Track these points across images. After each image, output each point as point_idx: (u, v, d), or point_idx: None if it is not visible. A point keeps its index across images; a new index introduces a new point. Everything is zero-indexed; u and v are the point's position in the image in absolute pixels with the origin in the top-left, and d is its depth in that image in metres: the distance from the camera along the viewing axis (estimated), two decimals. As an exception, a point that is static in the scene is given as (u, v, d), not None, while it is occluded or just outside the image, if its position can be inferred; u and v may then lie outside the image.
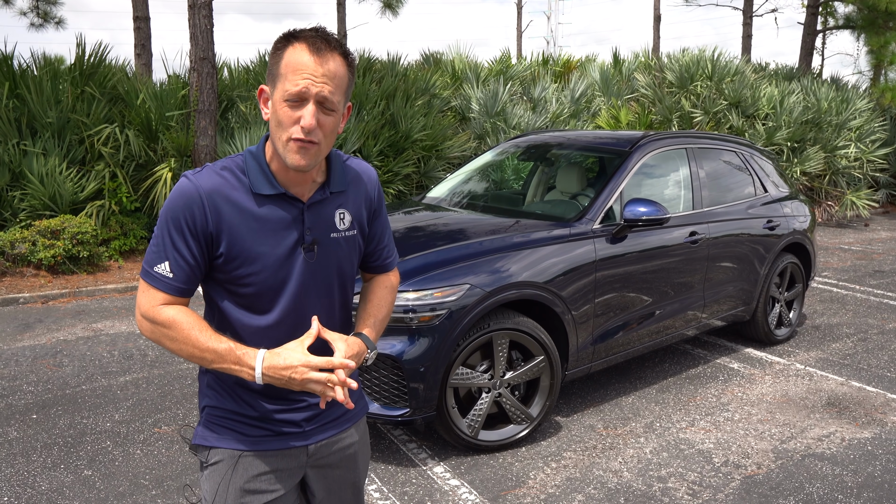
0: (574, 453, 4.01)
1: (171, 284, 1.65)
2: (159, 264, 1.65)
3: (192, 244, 1.64)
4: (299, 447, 1.79)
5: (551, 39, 43.85)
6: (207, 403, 1.78)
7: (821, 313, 7.01)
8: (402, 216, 4.96)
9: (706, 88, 12.84)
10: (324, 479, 1.87)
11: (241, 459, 1.75)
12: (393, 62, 11.89)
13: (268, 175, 1.68)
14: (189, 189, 1.63)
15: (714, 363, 5.51)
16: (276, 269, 1.69)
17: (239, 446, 1.75)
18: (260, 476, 1.76)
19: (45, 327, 6.20)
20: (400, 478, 3.70)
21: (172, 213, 1.63)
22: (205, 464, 1.77)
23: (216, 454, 1.76)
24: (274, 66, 1.61)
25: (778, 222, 5.76)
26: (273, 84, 1.61)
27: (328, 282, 1.78)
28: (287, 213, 1.70)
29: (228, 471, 1.75)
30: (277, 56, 1.60)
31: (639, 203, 4.46)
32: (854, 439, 4.24)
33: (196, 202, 1.62)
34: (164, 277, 1.65)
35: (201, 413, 1.80)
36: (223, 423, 1.76)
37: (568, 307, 4.14)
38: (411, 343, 3.62)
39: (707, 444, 4.16)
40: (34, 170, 8.18)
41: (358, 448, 1.93)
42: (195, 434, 1.79)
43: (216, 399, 1.77)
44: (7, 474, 3.68)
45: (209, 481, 1.77)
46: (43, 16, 16.39)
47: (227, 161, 1.71)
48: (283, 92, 1.58)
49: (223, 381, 1.75)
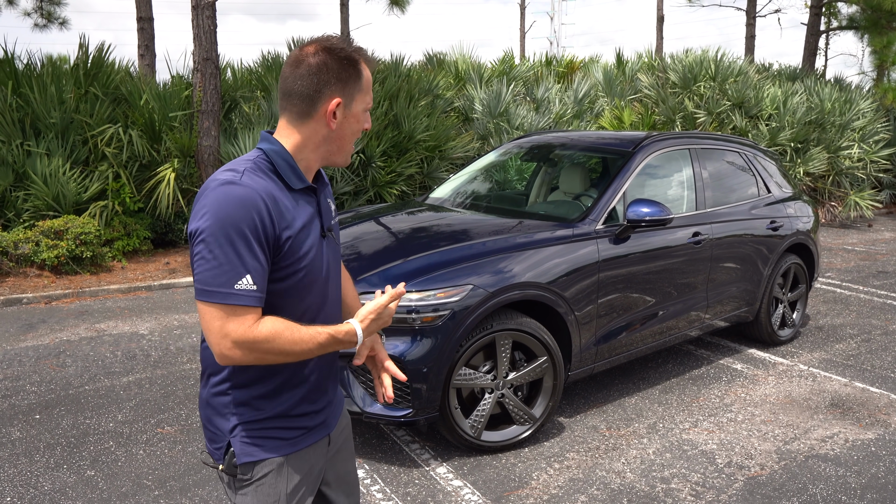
0: (577, 454, 4.00)
1: (258, 296, 1.60)
2: (239, 280, 1.56)
3: (263, 250, 1.60)
4: (324, 437, 1.86)
5: (554, 40, 43.86)
6: (241, 420, 1.72)
7: (824, 314, 7.00)
8: (406, 217, 4.96)
9: (709, 89, 12.82)
10: (333, 467, 1.95)
11: (286, 464, 1.76)
12: (396, 63, 11.89)
13: (297, 171, 1.73)
14: (250, 195, 1.58)
15: (717, 364, 5.50)
16: (316, 258, 1.74)
17: (283, 451, 1.75)
18: (305, 475, 1.80)
19: (48, 328, 6.21)
20: (403, 478, 3.70)
21: (236, 222, 1.55)
22: (248, 480, 1.73)
23: (263, 467, 1.73)
24: (355, 81, 1.72)
25: (781, 223, 5.75)
26: (352, 97, 1.72)
27: (338, 262, 1.91)
28: (311, 204, 1.77)
29: (280, 479, 1.75)
30: (357, 72, 1.72)
31: (642, 204, 4.46)
32: (858, 440, 4.23)
33: (261, 206, 1.59)
34: (250, 293, 1.58)
35: (230, 434, 1.73)
36: (264, 433, 1.74)
37: (571, 308, 4.14)
38: (414, 343, 3.61)
39: (710, 444, 4.15)
40: (38, 170, 8.20)
41: (349, 425, 2.06)
42: (237, 454, 1.72)
43: (251, 412, 1.73)
44: (10, 474, 3.69)
45: (258, 495, 1.73)
46: (47, 16, 16.42)
47: (249, 163, 1.68)
48: (365, 104, 1.76)
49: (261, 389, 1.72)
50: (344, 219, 4.99)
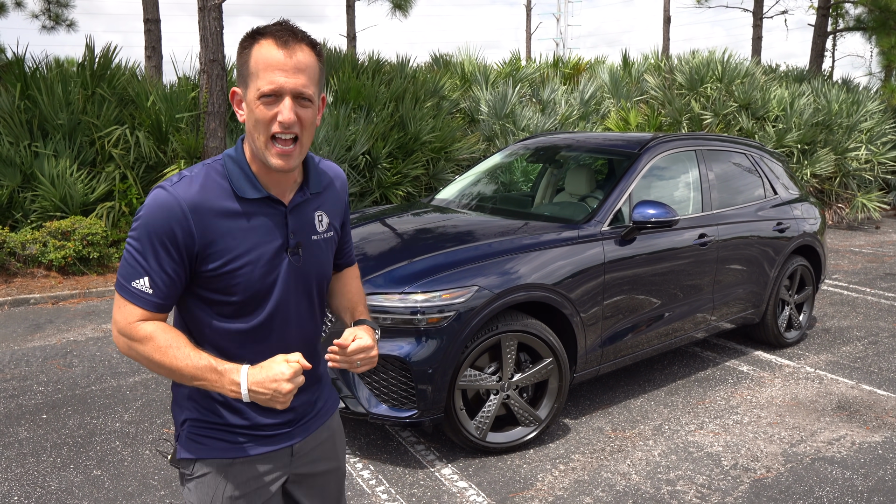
0: (582, 455, 4.00)
1: (151, 301, 1.58)
2: (137, 279, 1.57)
3: (175, 259, 1.57)
4: (285, 447, 1.77)
5: (561, 41, 43.84)
6: (189, 417, 1.71)
7: (831, 316, 6.97)
8: (411, 218, 4.97)
9: (716, 90, 12.79)
10: (307, 481, 1.86)
11: (231, 468, 1.70)
12: (402, 64, 11.91)
13: (250, 178, 1.64)
14: (170, 203, 1.55)
15: (723, 366, 5.49)
16: (264, 276, 1.65)
17: (227, 455, 1.70)
18: (249, 481, 1.72)
19: (55, 328, 6.24)
20: (408, 479, 3.70)
21: (152, 227, 1.55)
22: (189, 476, 1.70)
23: (203, 466, 1.70)
24: (243, 67, 1.58)
25: (788, 224, 5.74)
26: (245, 85, 1.58)
27: (308, 284, 1.75)
28: (270, 216, 1.66)
29: (219, 481, 1.70)
30: (245, 55, 1.57)
31: (648, 205, 4.45)
32: (864, 443, 4.21)
33: (179, 217, 1.55)
34: (142, 293, 1.58)
35: (180, 427, 1.72)
36: (209, 433, 1.70)
37: (577, 309, 4.13)
38: (419, 345, 3.62)
39: (716, 447, 4.14)
40: (45, 171, 8.23)
41: (336, 438, 1.93)
42: (178, 449, 1.72)
43: (198, 411, 1.70)
44: (17, 474, 3.70)
45: (197, 493, 1.70)
46: (55, 18, 16.50)
47: (204, 166, 1.64)
48: (256, 91, 1.55)
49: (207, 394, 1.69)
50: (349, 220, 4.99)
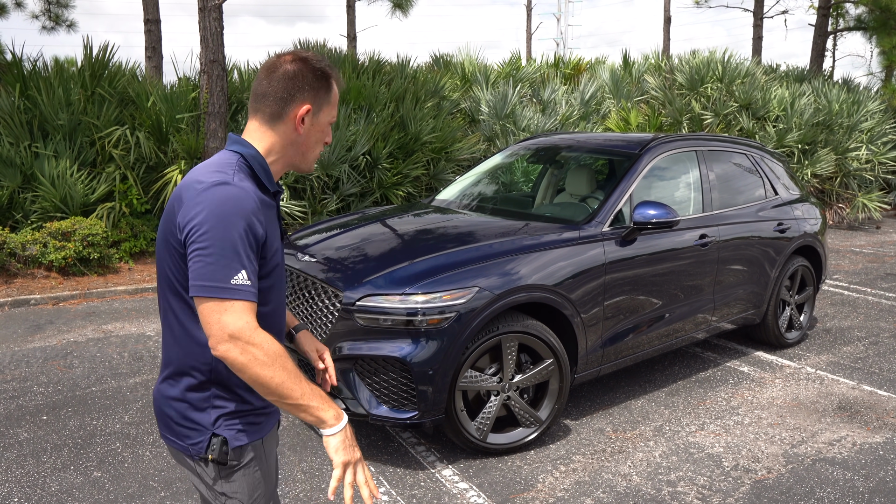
0: (583, 457, 4.00)
1: (254, 292, 1.63)
2: (236, 275, 1.60)
3: (253, 250, 1.67)
4: (277, 421, 1.98)
5: (561, 41, 43.80)
6: (221, 413, 1.78)
7: (832, 316, 6.97)
8: (412, 218, 4.96)
9: (717, 90, 12.79)
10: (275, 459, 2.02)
11: (262, 445, 1.86)
12: (402, 64, 11.91)
13: (270, 175, 1.81)
14: (242, 196, 1.66)
15: (724, 366, 5.48)
16: (281, 260, 1.84)
17: (261, 434, 1.85)
18: (270, 455, 1.91)
19: (55, 328, 6.24)
20: (408, 480, 3.70)
21: (232, 221, 1.61)
22: (238, 465, 1.80)
23: (251, 450, 1.82)
24: (326, 95, 1.83)
25: (788, 225, 5.73)
26: (320, 107, 1.83)
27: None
28: (273, 208, 1.84)
29: (261, 461, 1.85)
30: (328, 86, 1.83)
31: (648, 206, 4.44)
32: (865, 444, 4.20)
33: (253, 208, 1.67)
34: (246, 288, 1.61)
35: (213, 425, 1.77)
36: (245, 419, 1.81)
37: (577, 310, 4.13)
38: (420, 346, 3.61)
39: (717, 448, 4.14)
40: (45, 172, 8.23)
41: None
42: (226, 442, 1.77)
43: (230, 403, 1.79)
44: (17, 475, 3.70)
45: (248, 478, 1.81)
46: (54, 19, 16.49)
47: (233, 166, 1.74)
48: (331, 117, 1.86)
49: (234, 383, 1.78)
50: (350, 220, 4.99)
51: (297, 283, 4.07)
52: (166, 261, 1.73)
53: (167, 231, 1.72)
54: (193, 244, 1.61)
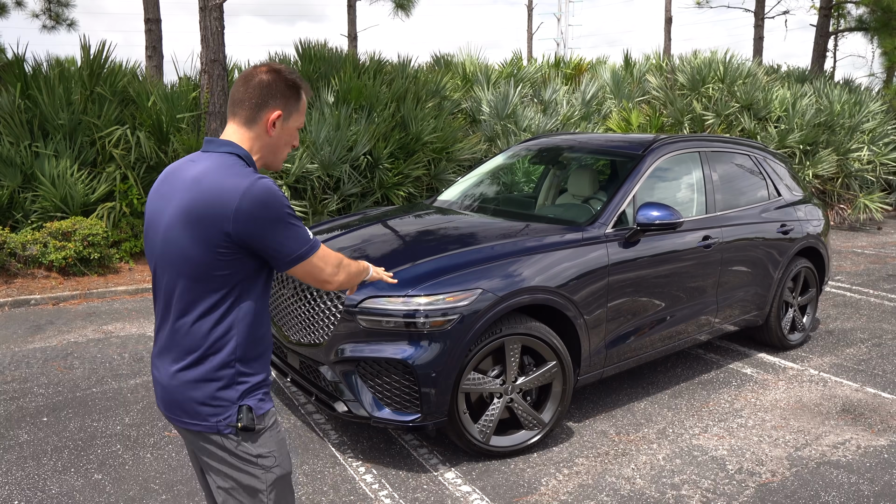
0: (586, 459, 3.97)
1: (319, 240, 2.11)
2: (308, 234, 2.03)
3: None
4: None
5: (561, 41, 43.79)
6: (246, 387, 2.00)
7: (834, 318, 6.95)
8: (414, 219, 4.94)
9: (718, 91, 12.77)
10: None
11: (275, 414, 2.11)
12: (403, 64, 11.88)
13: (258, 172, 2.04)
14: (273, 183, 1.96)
15: (727, 368, 5.46)
16: None
17: (272, 404, 2.09)
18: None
19: (55, 329, 6.21)
20: (411, 483, 3.68)
21: (285, 202, 1.94)
22: (263, 429, 2.03)
23: (270, 416, 2.06)
24: (295, 104, 2.09)
25: (792, 226, 5.71)
26: (290, 115, 2.08)
27: None
28: None
29: (278, 422, 2.11)
30: (297, 97, 2.09)
31: (652, 207, 4.42)
32: (870, 447, 4.18)
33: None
34: (317, 240, 2.07)
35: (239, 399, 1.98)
36: (262, 389, 2.05)
37: (580, 312, 4.11)
38: (423, 348, 3.59)
39: (720, 450, 4.12)
40: (46, 171, 8.21)
41: None
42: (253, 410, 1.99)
43: (254, 377, 2.02)
44: (18, 477, 3.68)
45: (274, 437, 2.07)
46: (55, 18, 16.47)
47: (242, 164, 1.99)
48: (299, 123, 2.12)
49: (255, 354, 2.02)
50: (351, 222, 4.97)
51: (298, 284, 4.04)
52: (196, 257, 1.89)
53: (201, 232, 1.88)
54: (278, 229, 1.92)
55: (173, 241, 1.92)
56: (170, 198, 1.96)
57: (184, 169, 2.00)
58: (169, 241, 1.93)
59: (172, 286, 1.96)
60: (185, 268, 1.92)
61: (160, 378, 2.03)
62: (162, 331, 2.03)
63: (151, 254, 2.04)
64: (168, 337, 2.00)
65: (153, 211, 2.03)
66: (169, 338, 1.99)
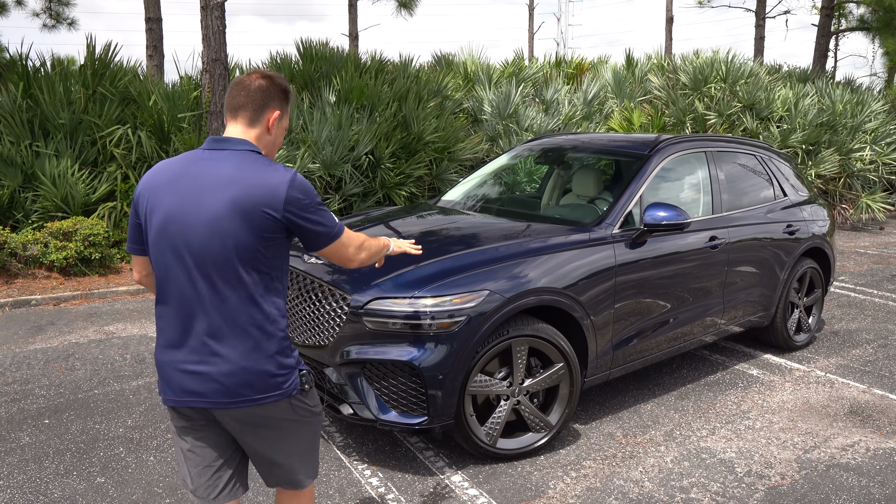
0: (594, 462, 3.94)
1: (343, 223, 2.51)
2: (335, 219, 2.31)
3: None
4: None
5: (561, 41, 43.75)
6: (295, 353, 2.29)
7: (839, 318, 6.91)
8: (419, 220, 4.90)
9: (720, 90, 12.73)
10: None
11: None
12: (405, 63, 11.84)
13: None
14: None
15: (732, 369, 5.43)
16: None
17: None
18: None
19: (56, 330, 6.17)
20: (417, 487, 3.64)
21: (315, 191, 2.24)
22: (310, 386, 2.32)
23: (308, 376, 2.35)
24: (286, 105, 2.34)
25: (798, 227, 5.67)
26: (284, 115, 2.33)
27: None
28: None
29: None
30: (288, 99, 2.35)
31: (659, 207, 4.38)
32: (879, 449, 4.15)
33: None
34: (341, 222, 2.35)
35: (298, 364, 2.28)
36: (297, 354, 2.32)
37: (587, 313, 4.07)
38: (430, 350, 3.55)
39: (729, 453, 4.08)
40: (46, 171, 8.17)
41: None
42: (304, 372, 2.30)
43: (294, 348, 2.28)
44: (19, 480, 3.64)
45: (314, 392, 2.38)
46: (55, 17, 16.42)
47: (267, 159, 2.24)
48: (287, 122, 2.39)
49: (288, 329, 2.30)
50: (354, 222, 4.93)
51: (302, 285, 4.00)
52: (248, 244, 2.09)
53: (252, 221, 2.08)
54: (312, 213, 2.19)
55: (223, 233, 2.07)
56: (200, 195, 2.10)
57: (207, 167, 2.14)
58: (217, 233, 2.07)
59: (216, 276, 2.10)
60: (238, 255, 2.09)
61: (220, 368, 2.12)
62: (202, 321, 2.12)
63: (173, 246, 2.11)
64: (219, 325, 2.11)
65: (173, 206, 2.11)
66: (220, 325, 2.11)
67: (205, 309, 2.11)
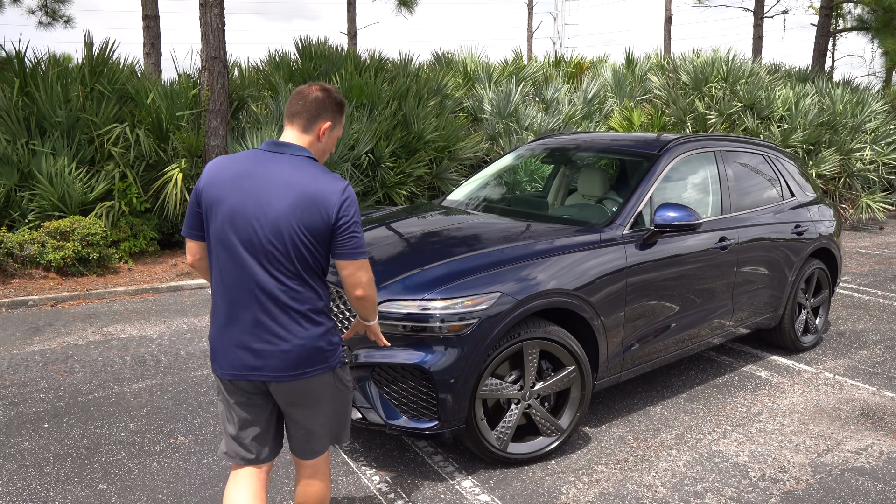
0: (605, 466, 3.87)
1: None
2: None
3: None
4: None
5: (558, 40, 43.72)
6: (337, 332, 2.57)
7: (844, 319, 6.87)
8: (426, 221, 4.83)
9: (721, 90, 12.68)
10: None
11: None
12: (405, 62, 11.76)
13: None
14: None
15: (741, 371, 5.37)
16: None
17: None
18: None
19: (54, 331, 6.08)
20: (427, 493, 3.57)
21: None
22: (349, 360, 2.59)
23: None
24: (339, 117, 2.60)
25: (805, 227, 5.62)
26: (335, 126, 2.59)
27: None
28: None
29: None
30: (342, 111, 2.60)
31: (669, 208, 4.32)
32: (893, 453, 4.09)
33: None
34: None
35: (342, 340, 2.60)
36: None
37: (598, 315, 4.00)
38: (441, 353, 3.47)
39: (741, 456, 4.02)
40: (43, 170, 8.06)
41: None
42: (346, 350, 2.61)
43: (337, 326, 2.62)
44: (19, 487, 3.55)
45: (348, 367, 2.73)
46: (51, 14, 16.28)
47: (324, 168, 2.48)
48: (339, 133, 2.64)
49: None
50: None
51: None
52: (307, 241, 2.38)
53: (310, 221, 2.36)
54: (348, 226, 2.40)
55: (282, 229, 2.35)
56: (263, 194, 2.37)
57: (270, 169, 2.41)
58: (277, 229, 2.35)
59: (275, 266, 2.38)
60: (294, 248, 2.37)
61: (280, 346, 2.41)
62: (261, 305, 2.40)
63: (237, 238, 2.38)
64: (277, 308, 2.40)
65: (238, 202, 2.38)
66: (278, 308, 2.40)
67: (265, 293, 2.39)
